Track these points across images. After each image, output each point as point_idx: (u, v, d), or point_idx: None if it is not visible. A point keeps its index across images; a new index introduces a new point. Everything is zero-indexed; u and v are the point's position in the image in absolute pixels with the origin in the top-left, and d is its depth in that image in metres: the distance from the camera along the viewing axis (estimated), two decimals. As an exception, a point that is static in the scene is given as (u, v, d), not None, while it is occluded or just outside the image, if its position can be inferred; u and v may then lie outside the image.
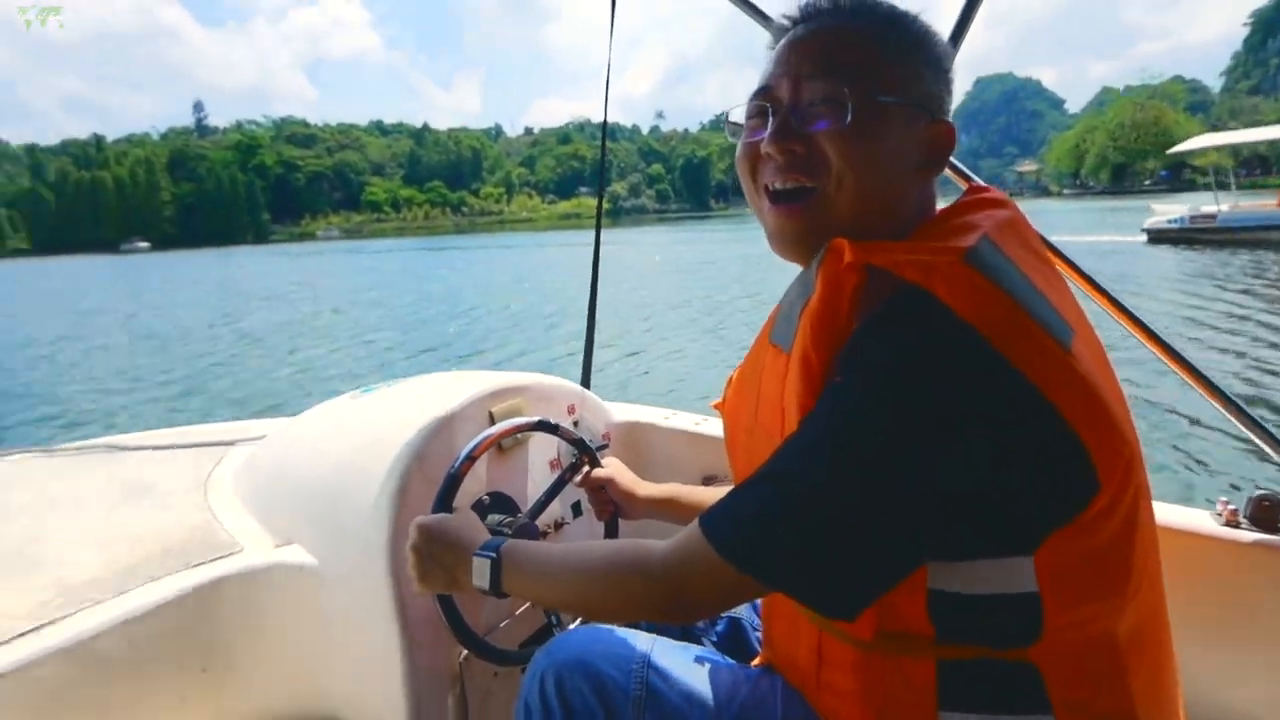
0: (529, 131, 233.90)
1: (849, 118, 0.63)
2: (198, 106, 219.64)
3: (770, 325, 0.73)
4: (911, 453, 0.53)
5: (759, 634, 0.95)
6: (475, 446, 1.04)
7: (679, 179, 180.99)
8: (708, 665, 0.80)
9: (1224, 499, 1.00)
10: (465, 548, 0.83)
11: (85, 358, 13.23)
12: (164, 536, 1.17)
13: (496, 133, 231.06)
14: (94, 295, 28.78)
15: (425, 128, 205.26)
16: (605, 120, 1.73)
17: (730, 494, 0.63)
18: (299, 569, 1.12)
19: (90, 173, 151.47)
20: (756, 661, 0.83)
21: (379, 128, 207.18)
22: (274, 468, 1.31)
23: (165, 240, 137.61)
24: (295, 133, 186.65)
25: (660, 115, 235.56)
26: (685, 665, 0.79)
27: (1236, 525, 0.97)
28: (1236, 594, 0.97)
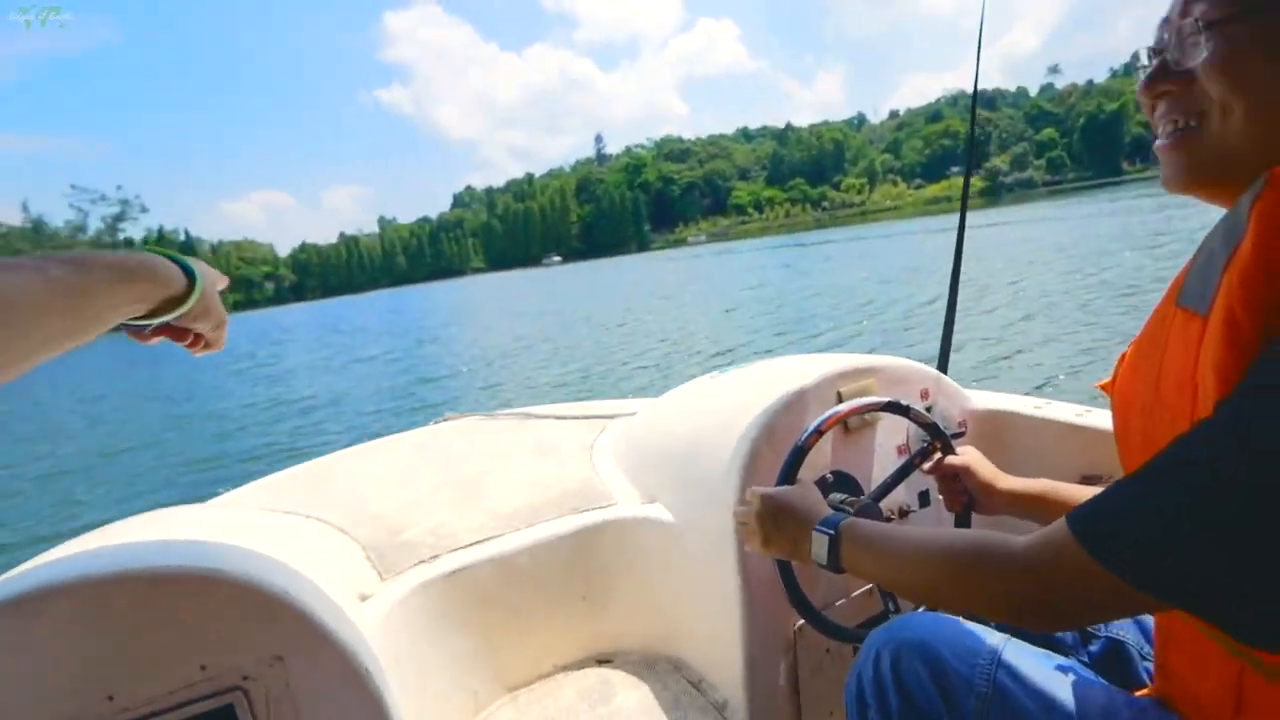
0: (894, 115, 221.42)
1: (1227, 43, 0.53)
2: (597, 139, 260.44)
3: (1177, 287, 0.59)
4: None
5: (1148, 664, 0.82)
6: (823, 421, 1.05)
7: (1078, 142, 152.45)
8: (1073, 677, 0.71)
9: None
10: (806, 520, 0.82)
11: (519, 348, 16.74)
12: (561, 485, 1.41)
13: (860, 122, 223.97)
14: (523, 299, 35.62)
15: (788, 127, 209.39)
16: (975, 88, 1.65)
17: (1111, 488, 0.53)
18: (659, 523, 1.27)
19: (523, 204, 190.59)
20: (1144, 693, 0.71)
21: (744, 134, 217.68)
22: (642, 437, 1.50)
23: (572, 253, 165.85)
24: (672, 149, 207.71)
25: (1055, 70, 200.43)
26: (1045, 672, 0.71)
27: None
28: None
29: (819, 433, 1.04)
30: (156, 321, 0.63)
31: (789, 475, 1.01)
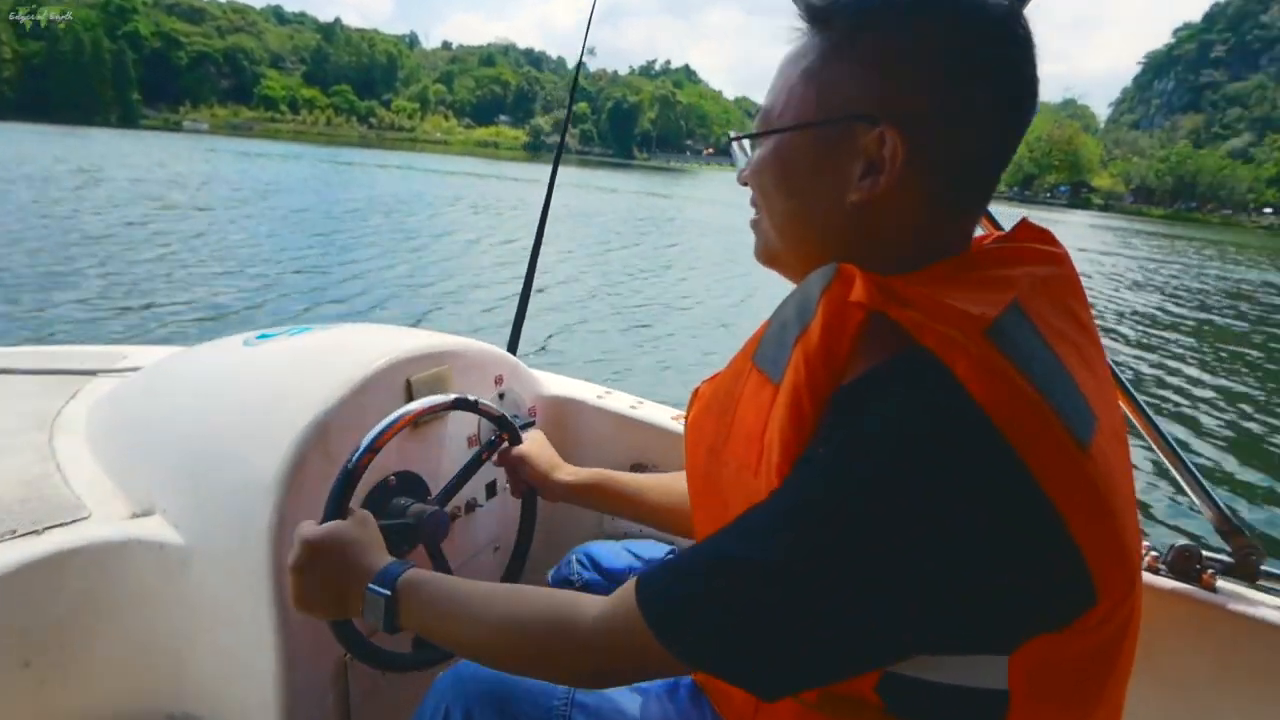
0: (447, 46, 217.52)
1: (751, 149, 0.64)
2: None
3: (755, 343, 0.65)
4: (891, 545, 0.47)
5: None
6: (377, 436, 0.86)
7: (605, 122, 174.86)
8: (635, 693, 0.75)
9: (1147, 544, 0.99)
10: (356, 574, 0.71)
11: None
12: None
13: (411, 41, 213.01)
14: None
15: (337, 23, 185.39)
16: (580, 64, 1.70)
17: (675, 561, 0.58)
18: (158, 547, 0.94)
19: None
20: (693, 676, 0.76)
21: (277, 14, 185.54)
22: (141, 414, 1.12)
23: (7, 107, 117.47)
24: (179, 3, 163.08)
25: (592, 52, 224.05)
26: (616, 701, 0.74)
27: (1155, 571, 0.97)
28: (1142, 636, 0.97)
29: (373, 450, 0.85)
30: None
31: (338, 506, 0.81)
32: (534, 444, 1.06)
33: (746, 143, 0.65)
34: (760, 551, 0.51)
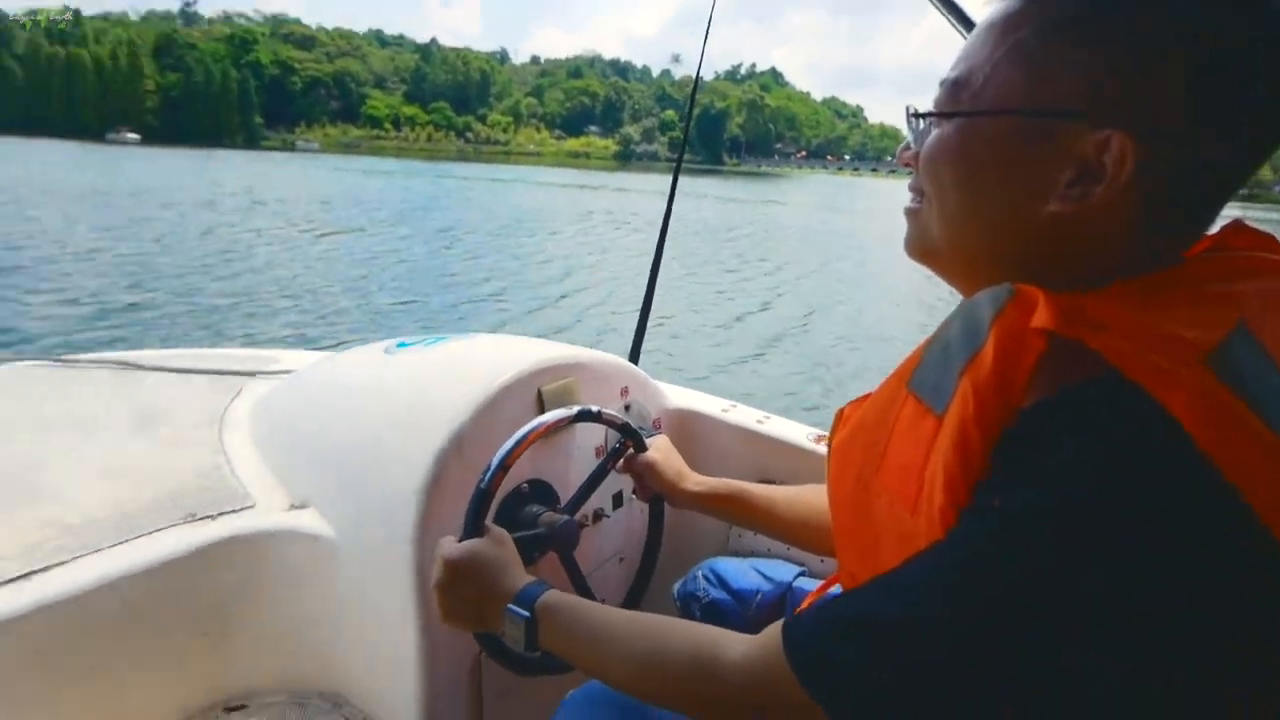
0: (535, 60, 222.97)
1: (933, 130, 0.54)
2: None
3: (913, 365, 0.57)
4: (1093, 606, 0.38)
5: None
6: (507, 454, 0.89)
7: (693, 128, 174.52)
8: None
9: None
10: (497, 593, 0.71)
11: (94, 253, 11.75)
12: (173, 478, 1.08)
13: (502, 57, 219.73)
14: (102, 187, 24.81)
15: (433, 43, 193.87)
16: (697, 78, 1.61)
17: (830, 613, 0.49)
18: (313, 538, 1.02)
19: (66, 49, 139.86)
20: None
21: (378, 38, 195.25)
22: (297, 414, 1.21)
23: (150, 132, 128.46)
24: (292, 32, 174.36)
25: (677, 59, 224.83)
26: None
27: None
28: None
29: (504, 468, 0.88)
30: None
31: (476, 526, 0.83)
32: (660, 451, 1.03)
33: (939, 112, 0.54)
34: (935, 610, 0.43)
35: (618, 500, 1.22)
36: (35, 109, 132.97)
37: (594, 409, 0.99)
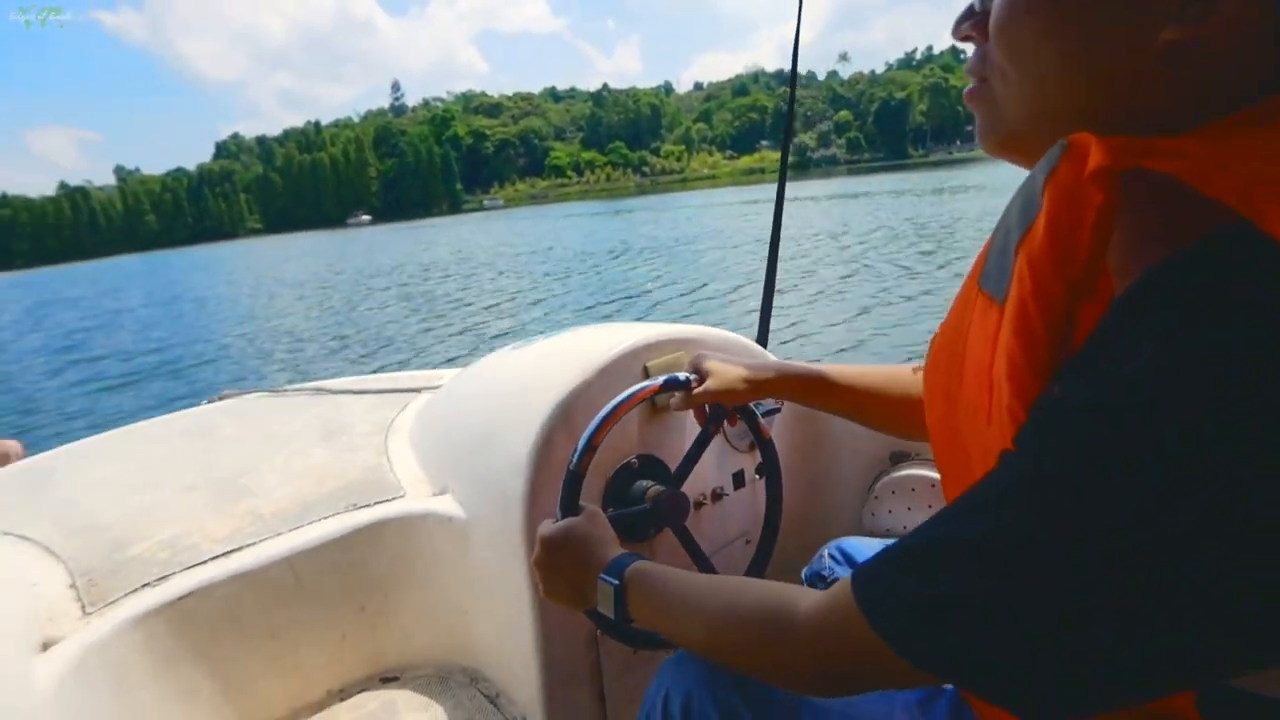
0: (699, 87, 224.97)
1: (1007, 3, 0.45)
2: (394, 87, 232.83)
3: (980, 264, 0.52)
4: (1205, 523, 0.31)
5: None
6: (592, 434, 0.88)
7: (872, 125, 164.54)
8: (879, 699, 0.65)
9: None
10: (591, 566, 0.71)
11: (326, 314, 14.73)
12: (344, 475, 1.23)
13: (667, 90, 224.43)
14: (348, 265, 28.08)
15: (605, 88, 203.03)
16: (795, 55, 1.60)
17: (894, 554, 0.44)
18: (448, 519, 1.12)
19: (311, 155, 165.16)
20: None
21: (552, 94, 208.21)
22: (437, 417, 1.34)
23: (374, 213, 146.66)
24: (481, 103, 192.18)
25: (844, 57, 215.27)
26: (855, 703, 0.65)
27: None
28: None
29: (592, 448, 0.88)
30: None
31: (569, 504, 0.85)
32: (713, 372, 0.93)
33: None
34: (993, 524, 0.38)
35: (739, 480, 1.22)
36: (290, 210, 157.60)
37: (681, 376, 0.95)
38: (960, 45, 0.51)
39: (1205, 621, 0.32)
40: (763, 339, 1.51)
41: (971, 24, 0.49)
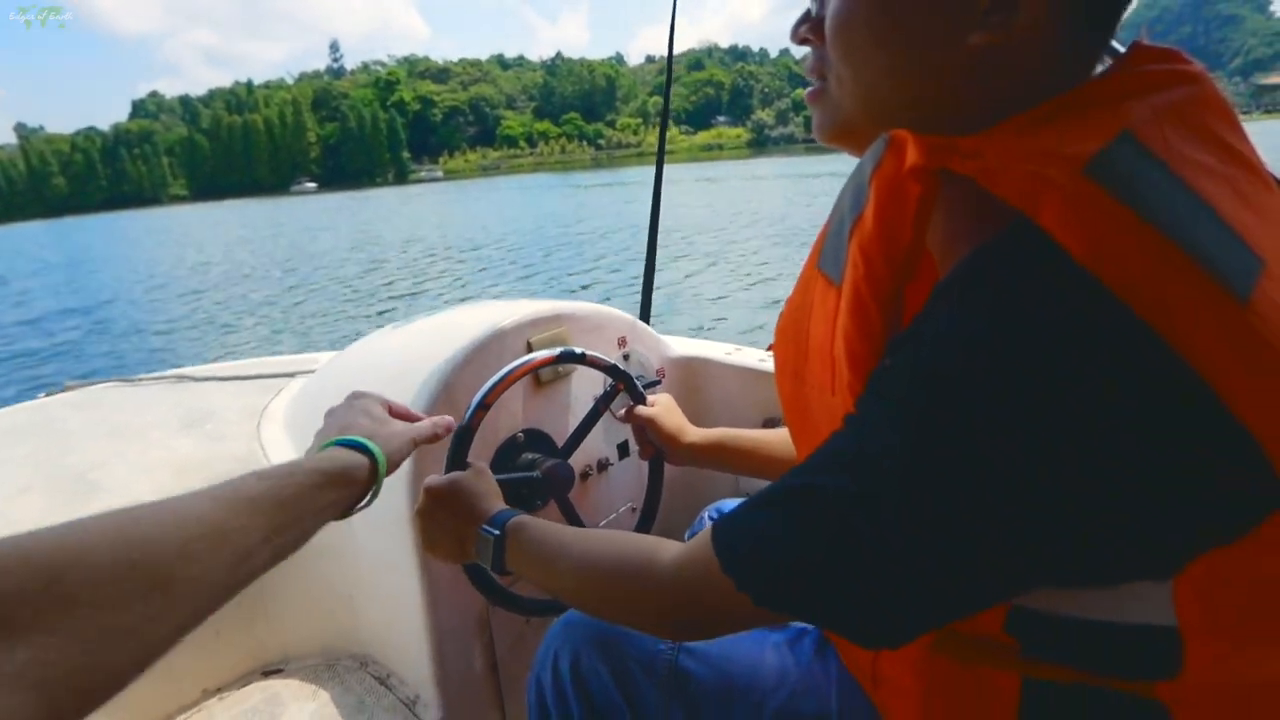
0: (651, 60, 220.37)
1: (839, 5, 0.48)
2: (334, 47, 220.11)
3: (819, 247, 0.56)
4: (993, 466, 0.37)
5: None
6: (486, 393, 0.91)
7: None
8: (751, 642, 0.70)
9: None
10: (473, 518, 0.73)
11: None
12: (209, 467, 1.18)
13: (619, 61, 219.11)
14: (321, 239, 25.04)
15: (558, 57, 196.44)
16: (672, 28, 1.58)
17: (748, 504, 0.50)
18: None
19: (242, 117, 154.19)
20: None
21: (500, 62, 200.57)
22: (314, 401, 1.28)
23: (316, 180, 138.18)
24: (427, 68, 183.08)
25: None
26: (728, 649, 0.70)
27: None
28: None
29: (484, 407, 0.90)
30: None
31: (457, 459, 0.86)
32: (662, 408, 1.02)
33: None
34: (836, 477, 0.43)
35: (623, 450, 1.23)
36: (220, 176, 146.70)
37: (577, 350, 0.98)
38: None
39: (1010, 544, 0.38)
40: (645, 316, 1.53)
41: (809, 28, 0.53)
